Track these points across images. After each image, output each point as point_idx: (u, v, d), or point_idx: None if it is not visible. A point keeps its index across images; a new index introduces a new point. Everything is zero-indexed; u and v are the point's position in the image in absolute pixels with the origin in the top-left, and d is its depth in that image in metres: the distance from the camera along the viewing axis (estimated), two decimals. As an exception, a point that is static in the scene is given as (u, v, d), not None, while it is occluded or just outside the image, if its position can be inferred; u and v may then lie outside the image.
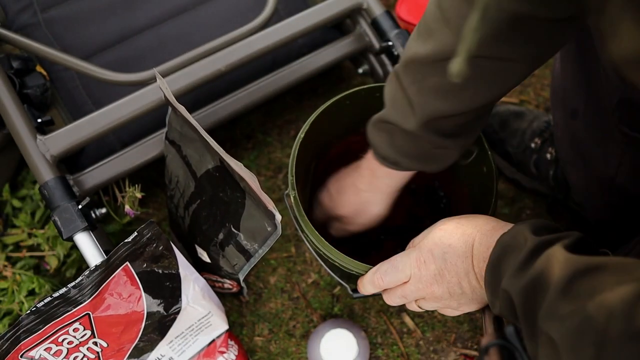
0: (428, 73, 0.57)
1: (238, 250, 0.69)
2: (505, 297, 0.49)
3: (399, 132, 0.63)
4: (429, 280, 0.58)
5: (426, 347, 0.86)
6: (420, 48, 0.57)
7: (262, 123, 1.04)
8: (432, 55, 0.56)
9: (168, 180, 0.81)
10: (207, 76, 0.83)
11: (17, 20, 0.92)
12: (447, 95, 0.58)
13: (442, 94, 0.58)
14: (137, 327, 0.71)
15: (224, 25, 0.92)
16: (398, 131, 0.63)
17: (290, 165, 0.70)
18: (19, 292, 0.83)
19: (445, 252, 0.57)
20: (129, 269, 0.69)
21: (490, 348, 0.48)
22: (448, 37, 0.54)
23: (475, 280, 0.56)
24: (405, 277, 0.60)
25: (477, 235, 0.56)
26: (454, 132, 0.62)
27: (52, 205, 0.74)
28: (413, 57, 0.58)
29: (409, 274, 0.60)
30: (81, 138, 0.79)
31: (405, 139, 0.63)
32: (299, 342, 0.87)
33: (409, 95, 0.60)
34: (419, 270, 0.59)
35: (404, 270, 0.60)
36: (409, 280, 0.60)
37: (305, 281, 0.91)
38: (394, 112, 0.63)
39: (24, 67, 0.86)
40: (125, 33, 0.93)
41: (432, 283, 0.58)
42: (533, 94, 1.08)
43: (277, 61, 0.93)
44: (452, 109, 0.59)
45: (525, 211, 0.96)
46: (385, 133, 0.64)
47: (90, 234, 0.74)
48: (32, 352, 0.67)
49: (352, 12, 0.92)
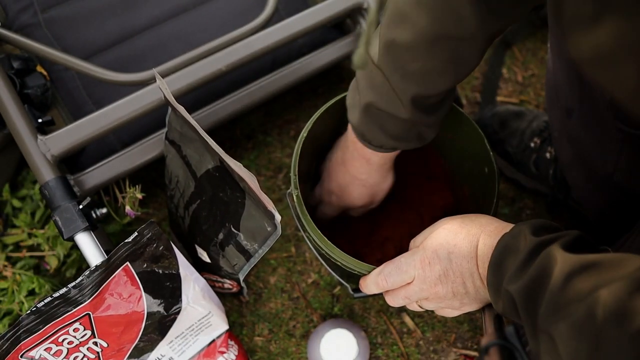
0: (409, 59, 0.58)
1: (238, 250, 0.70)
2: (508, 297, 0.50)
3: (390, 119, 0.64)
4: (434, 281, 0.58)
5: (426, 347, 0.86)
6: (397, 34, 0.57)
7: (262, 123, 1.04)
8: (411, 40, 0.56)
9: (168, 180, 0.81)
10: (208, 76, 0.83)
11: (18, 20, 0.92)
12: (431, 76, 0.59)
13: (425, 76, 0.59)
14: (137, 327, 0.71)
15: (224, 25, 0.92)
16: (389, 118, 0.64)
17: (293, 164, 0.70)
18: (19, 292, 0.83)
19: (450, 252, 0.57)
20: (129, 269, 0.69)
21: (490, 348, 0.48)
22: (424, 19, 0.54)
23: (479, 281, 0.56)
24: (409, 278, 0.60)
25: (481, 235, 0.56)
26: (435, 108, 0.65)
27: (53, 205, 0.74)
28: (391, 44, 0.58)
29: (413, 275, 0.60)
30: (82, 138, 0.79)
31: (396, 125, 0.64)
32: (299, 342, 0.87)
33: (392, 84, 0.60)
34: (423, 271, 0.59)
35: (408, 271, 0.60)
36: (413, 281, 0.60)
37: (305, 281, 0.91)
38: (381, 100, 0.63)
39: (24, 67, 0.86)
40: (125, 33, 0.93)
41: (436, 284, 0.58)
42: (533, 94, 1.08)
43: (278, 61, 0.93)
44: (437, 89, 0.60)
45: (525, 211, 0.96)
46: (375, 121, 0.65)
47: (91, 234, 0.74)
48: (32, 352, 0.67)
49: (352, 12, 0.92)
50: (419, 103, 0.61)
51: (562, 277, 0.44)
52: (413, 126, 0.65)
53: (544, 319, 0.45)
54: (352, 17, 0.95)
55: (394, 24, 0.58)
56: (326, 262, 0.71)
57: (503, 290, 0.50)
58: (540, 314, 0.45)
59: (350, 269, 0.65)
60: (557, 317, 0.43)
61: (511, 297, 0.49)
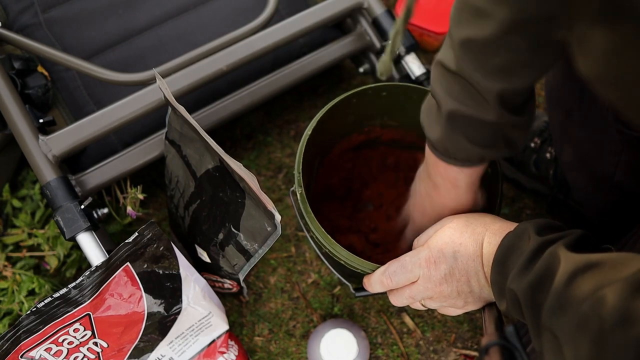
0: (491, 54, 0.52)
1: (238, 250, 0.70)
2: (512, 296, 0.50)
3: (477, 125, 0.58)
4: (439, 280, 0.58)
5: (426, 347, 0.86)
6: (473, 31, 0.52)
7: (262, 123, 1.04)
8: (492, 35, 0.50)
9: (168, 180, 0.81)
10: (209, 76, 0.83)
11: (18, 20, 0.92)
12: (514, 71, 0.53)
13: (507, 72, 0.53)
14: (138, 328, 0.71)
15: (225, 25, 0.92)
16: (475, 124, 0.58)
17: (297, 162, 0.70)
18: (19, 292, 0.83)
19: (456, 251, 0.57)
20: (130, 269, 0.69)
21: (490, 348, 0.48)
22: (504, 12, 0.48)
23: (484, 279, 0.56)
24: (414, 277, 0.60)
25: (486, 234, 0.56)
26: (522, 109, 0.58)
27: (55, 206, 0.74)
28: (468, 42, 0.53)
29: (418, 274, 0.60)
30: (83, 138, 0.79)
31: (483, 130, 0.58)
32: (299, 342, 0.87)
33: (475, 85, 0.55)
34: (428, 270, 0.59)
35: (413, 270, 0.60)
36: (418, 280, 0.60)
37: (305, 281, 0.91)
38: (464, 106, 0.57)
39: (25, 68, 0.86)
40: (126, 33, 0.93)
41: (441, 283, 0.58)
42: (533, 94, 1.08)
43: (278, 61, 0.93)
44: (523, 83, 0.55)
45: (525, 211, 0.96)
46: (460, 132, 0.59)
47: (93, 234, 0.74)
48: (32, 353, 0.67)
49: (352, 12, 0.92)
50: (506, 101, 0.56)
51: (566, 276, 0.44)
52: (500, 129, 0.58)
53: (547, 318, 0.45)
54: (353, 17, 0.95)
55: (466, 22, 0.53)
56: (328, 261, 0.71)
57: (507, 289, 0.51)
58: (543, 313, 0.45)
59: (354, 267, 0.65)
60: (561, 315, 0.43)
61: (515, 295, 0.49)
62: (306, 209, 0.67)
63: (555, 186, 0.89)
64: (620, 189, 0.70)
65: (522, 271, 0.49)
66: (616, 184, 0.69)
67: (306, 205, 0.67)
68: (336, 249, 0.65)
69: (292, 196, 0.71)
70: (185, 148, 0.73)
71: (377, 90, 0.74)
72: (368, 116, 0.80)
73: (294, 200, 0.71)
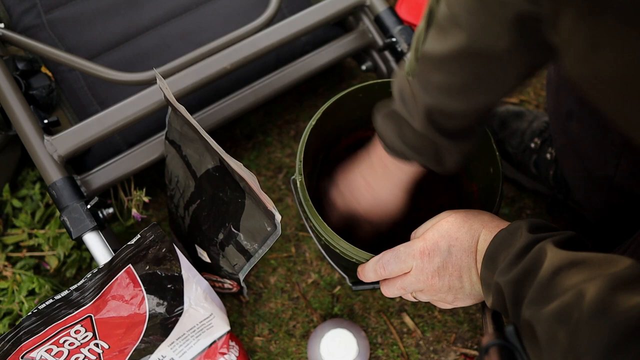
0: (435, 70, 0.56)
1: (238, 250, 0.70)
2: (497, 290, 0.51)
3: (407, 126, 0.62)
4: (431, 273, 0.59)
5: (426, 347, 0.86)
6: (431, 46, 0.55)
7: (262, 123, 1.04)
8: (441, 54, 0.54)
9: (168, 180, 0.81)
10: (212, 74, 0.83)
11: (22, 21, 0.92)
12: (451, 93, 0.57)
13: (446, 91, 0.57)
14: (139, 329, 0.71)
15: (228, 24, 0.92)
16: (406, 125, 0.62)
17: (299, 150, 0.70)
18: (19, 292, 0.83)
19: (451, 245, 0.57)
20: (132, 271, 0.69)
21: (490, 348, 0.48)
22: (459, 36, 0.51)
23: (475, 276, 0.57)
24: (407, 268, 0.60)
25: (482, 231, 0.57)
26: (454, 133, 0.61)
27: (61, 206, 0.75)
28: (424, 54, 0.56)
29: (411, 265, 0.60)
30: (88, 138, 0.79)
31: (412, 133, 0.62)
32: (299, 342, 0.87)
33: (414, 91, 0.59)
34: (422, 261, 0.59)
35: (407, 260, 0.60)
36: (411, 271, 0.60)
37: (305, 281, 0.91)
38: (401, 106, 0.62)
39: (29, 69, 0.86)
40: (129, 33, 0.93)
41: (433, 276, 0.58)
42: (533, 94, 1.08)
43: (281, 59, 0.93)
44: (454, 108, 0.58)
45: (525, 211, 0.96)
46: (394, 124, 0.63)
47: (100, 234, 0.74)
48: (33, 354, 0.67)
49: (355, 9, 0.93)
50: (435, 120, 0.59)
51: (551, 270, 0.45)
52: (429, 142, 0.62)
53: (527, 307, 0.46)
54: (355, 15, 0.95)
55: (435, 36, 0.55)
56: (326, 252, 0.71)
57: (493, 283, 0.51)
58: (525, 304, 0.46)
59: (349, 256, 0.65)
60: (541, 305, 0.44)
61: (500, 289, 0.50)
62: (305, 196, 0.67)
63: (555, 187, 0.89)
64: (620, 192, 0.70)
65: (510, 266, 0.50)
66: (616, 186, 0.69)
67: (305, 193, 0.67)
68: (332, 237, 0.65)
69: (292, 185, 0.71)
70: (185, 148, 0.73)
71: (384, 86, 0.74)
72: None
73: (294, 189, 0.71)
